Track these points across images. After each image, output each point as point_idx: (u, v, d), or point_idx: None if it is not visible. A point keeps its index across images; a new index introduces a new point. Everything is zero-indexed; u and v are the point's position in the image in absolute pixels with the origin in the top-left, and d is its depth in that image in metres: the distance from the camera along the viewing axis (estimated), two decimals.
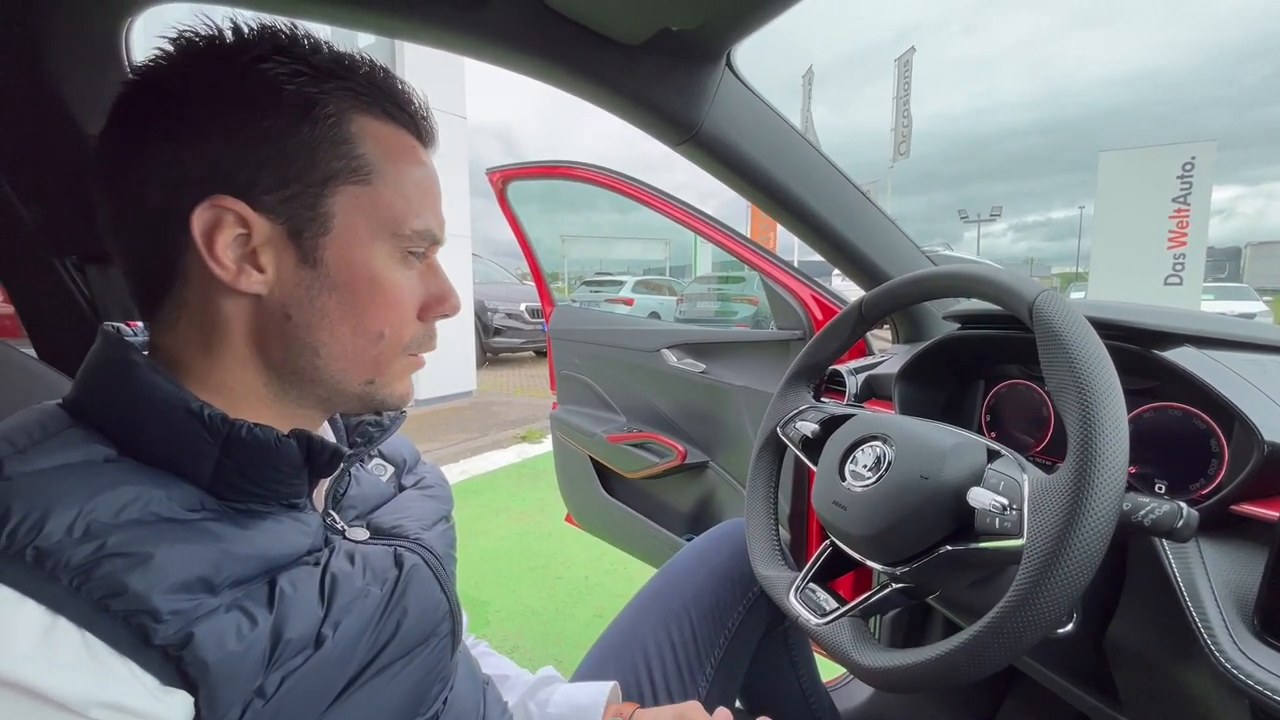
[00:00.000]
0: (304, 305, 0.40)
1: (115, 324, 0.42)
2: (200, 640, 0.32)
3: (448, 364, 5.53)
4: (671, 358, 1.47)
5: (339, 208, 0.40)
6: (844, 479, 0.59)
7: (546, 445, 4.07)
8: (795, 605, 0.60)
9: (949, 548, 0.51)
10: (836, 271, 1.02)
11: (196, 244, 0.37)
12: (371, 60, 0.42)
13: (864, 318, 0.69)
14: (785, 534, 1.24)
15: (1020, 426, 0.78)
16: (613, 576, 2.24)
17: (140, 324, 0.44)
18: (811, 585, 0.61)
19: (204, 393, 0.39)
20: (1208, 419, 0.59)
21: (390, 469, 0.55)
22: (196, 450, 0.37)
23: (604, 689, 0.64)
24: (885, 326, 1.18)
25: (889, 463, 0.56)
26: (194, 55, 0.39)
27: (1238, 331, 0.57)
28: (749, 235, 1.37)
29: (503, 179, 1.70)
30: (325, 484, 0.47)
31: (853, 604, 0.56)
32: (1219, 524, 0.50)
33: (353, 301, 0.41)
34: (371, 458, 0.55)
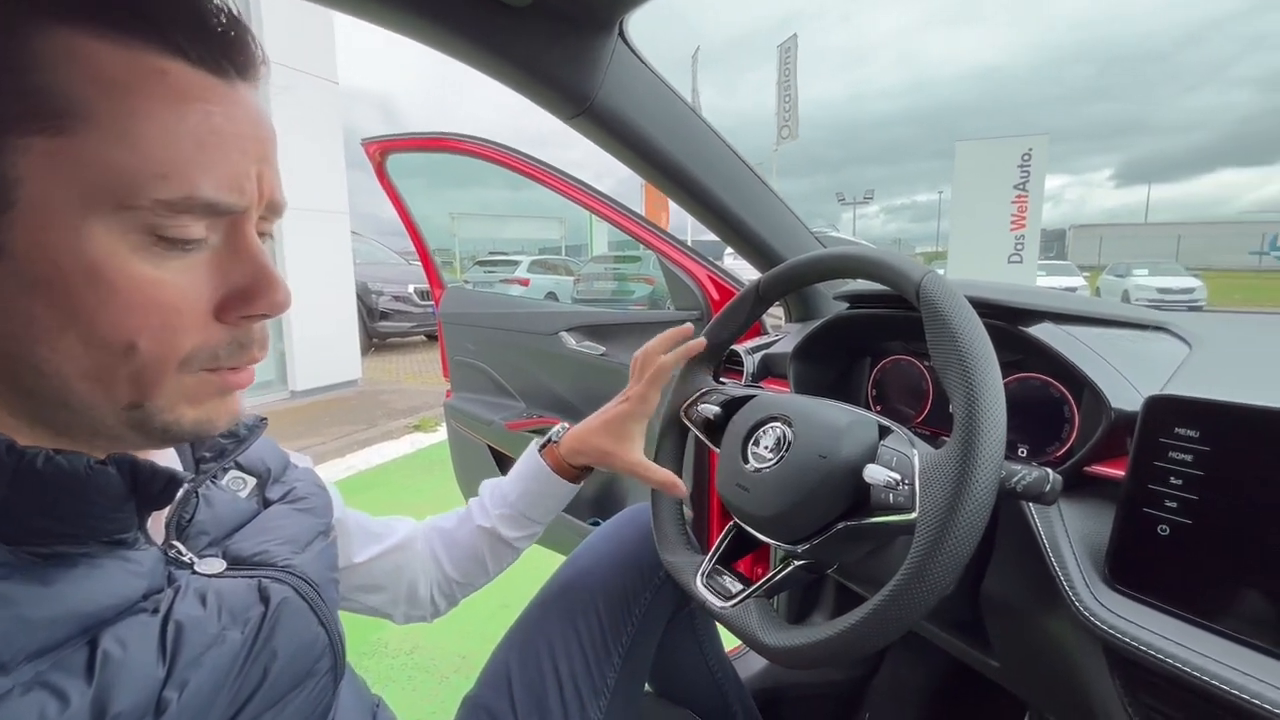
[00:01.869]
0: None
1: None
2: None
3: (328, 352, 5.13)
4: (570, 340, 1.44)
5: (26, 171, 0.28)
6: (746, 461, 0.59)
7: (442, 434, 3.89)
8: (701, 591, 0.60)
9: (847, 523, 0.52)
10: (729, 251, 1.03)
11: None
12: None
13: (762, 298, 0.70)
14: (689, 513, 1.26)
15: (903, 399, 0.83)
16: (519, 565, 2.18)
17: None
18: (717, 568, 0.61)
19: None
20: (1061, 388, 0.65)
21: (250, 482, 0.47)
22: None
23: (530, 448, 0.72)
24: (778, 306, 1.22)
25: (789, 443, 0.57)
26: None
27: (1089, 308, 0.63)
28: (643, 215, 1.36)
29: (381, 150, 1.56)
30: (166, 509, 0.40)
31: (757, 585, 0.56)
32: (1075, 484, 0.55)
33: (66, 303, 0.30)
34: (226, 471, 0.46)
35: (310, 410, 4.60)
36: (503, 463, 1.67)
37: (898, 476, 0.48)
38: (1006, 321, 0.62)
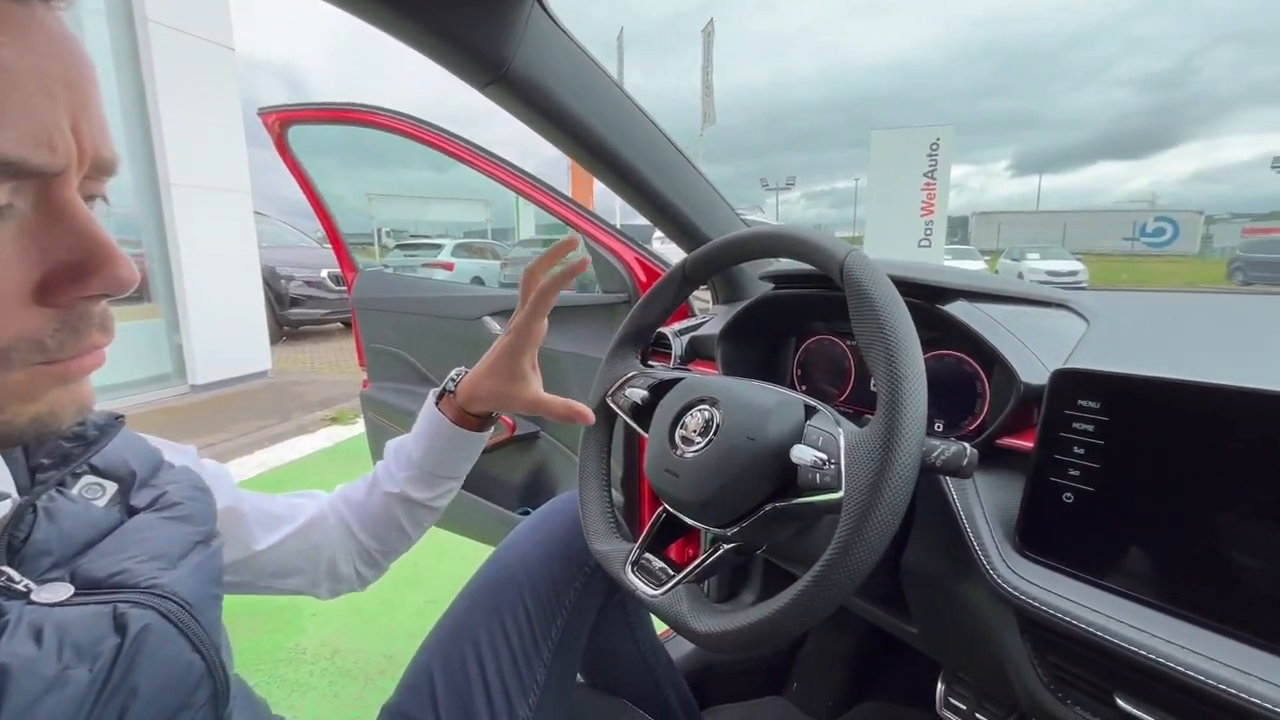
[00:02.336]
0: None
1: None
2: None
3: (233, 342, 4.77)
4: (495, 325, 1.39)
5: None
6: (675, 445, 0.58)
7: (362, 426, 3.72)
8: (631, 579, 0.58)
9: (775, 504, 0.52)
10: (657, 235, 1.01)
11: None
12: None
13: (688, 279, 0.68)
14: (619, 496, 1.24)
15: (827, 378, 0.84)
16: (445, 559, 2.12)
17: None
18: (647, 555, 0.60)
19: None
20: (974, 364, 0.67)
21: (110, 488, 0.40)
22: None
23: (427, 402, 0.69)
24: (705, 289, 1.21)
25: (717, 426, 0.56)
26: None
27: (998, 287, 0.66)
28: (570, 196, 1.32)
29: (280, 121, 1.44)
30: None
31: (687, 570, 0.55)
32: (988, 456, 0.57)
33: None
34: (77, 477, 0.39)
35: (214, 405, 4.27)
36: None
37: (824, 456, 0.48)
38: (924, 300, 0.63)
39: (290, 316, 7.03)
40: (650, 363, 0.96)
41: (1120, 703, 0.43)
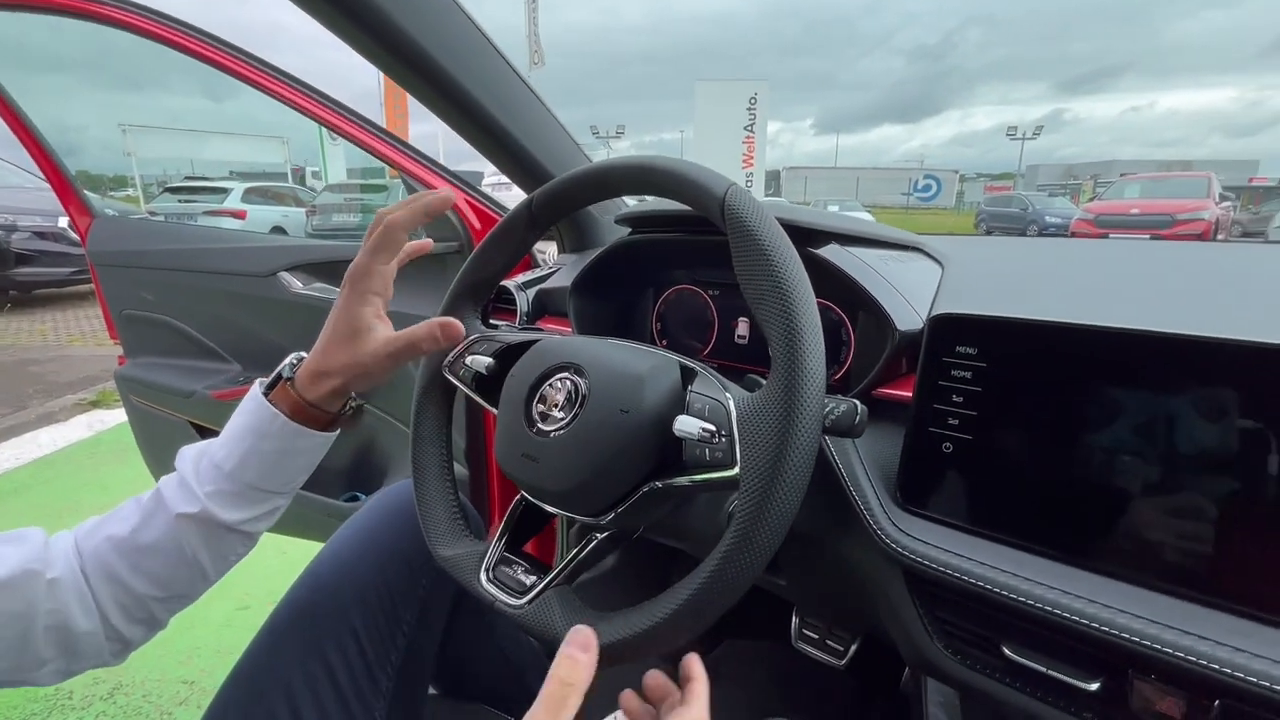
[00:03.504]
0: None
1: None
2: None
3: None
4: (295, 282, 1.15)
5: None
6: (532, 424, 0.48)
7: None
8: (488, 589, 0.48)
9: (655, 483, 0.45)
10: (490, 178, 0.87)
11: None
12: None
13: (535, 220, 0.57)
14: (461, 470, 1.11)
15: (689, 332, 0.79)
16: (259, 554, 1.82)
17: None
18: (505, 555, 0.50)
19: None
20: (839, 311, 0.65)
21: None
22: None
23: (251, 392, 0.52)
24: (547, 238, 1.09)
25: (583, 398, 0.46)
26: None
27: (864, 229, 0.63)
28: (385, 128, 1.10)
29: None
30: None
31: (556, 572, 0.47)
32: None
33: None
34: None
35: None
36: None
37: (712, 427, 0.41)
38: (797, 243, 0.59)
39: (18, 277, 5.58)
40: (492, 321, 0.83)
41: (1007, 652, 0.42)
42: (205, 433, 1.29)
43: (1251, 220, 13.30)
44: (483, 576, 0.49)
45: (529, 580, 0.48)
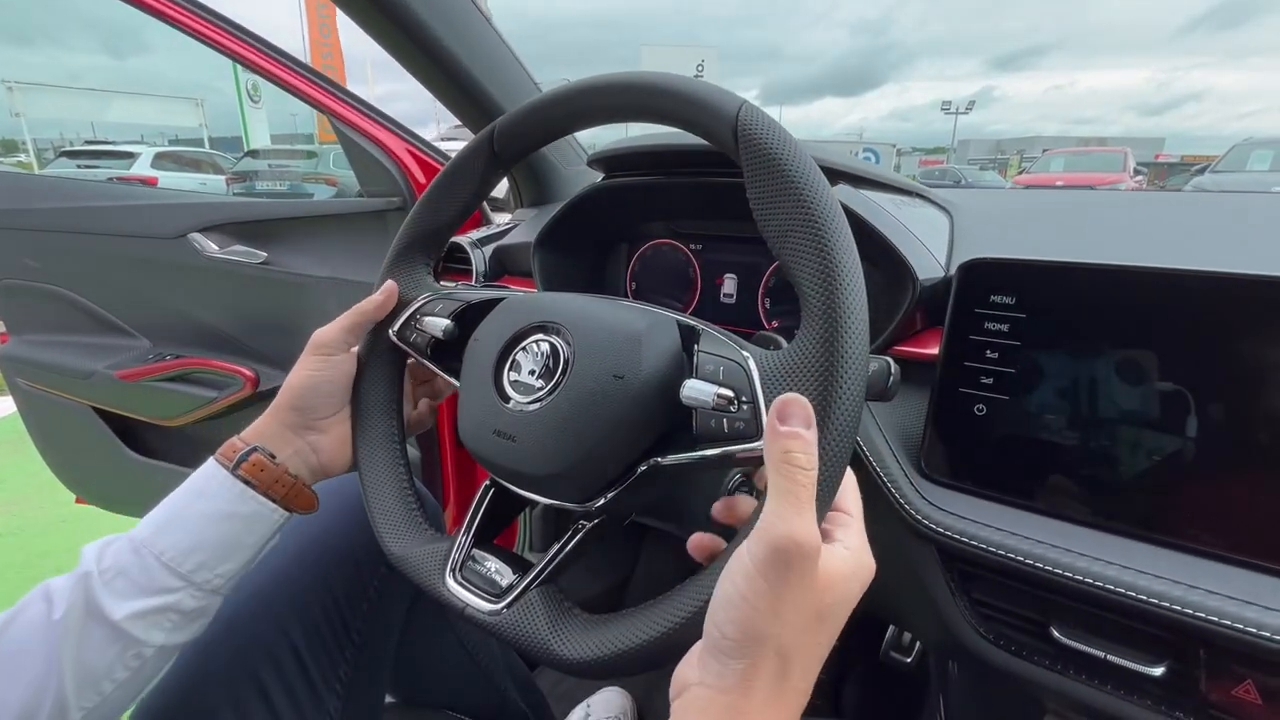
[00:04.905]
0: None
1: None
2: None
3: None
4: (209, 244, 1.00)
5: None
6: (505, 395, 0.40)
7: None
8: (458, 592, 0.40)
9: (658, 460, 0.37)
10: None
11: None
12: None
13: (497, 157, 0.47)
14: (413, 452, 1.01)
15: (667, 291, 0.71)
16: None
17: None
18: (476, 554, 0.42)
19: None
20: None
21: None
22: None
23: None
24: (500, 209, 0.99)
25: (567, 362, 0.39)
26: None
27: (870, 171, 0.57)
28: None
29: None
30: None
31: (539, 569, 0.39)
32: None
33: None
34: None
35: None
36: (129, 433, 1.16)
37: (729, 393, 0.34)
38: None
39: None
40: (444, 283, 0.73)
41: (1057, 635, 0.38)
42: (109, 418, 1.14)
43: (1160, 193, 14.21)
44: (449, 578, 0.41)
45: (504, 580, 0.40)
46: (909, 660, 0.79)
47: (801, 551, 0.25)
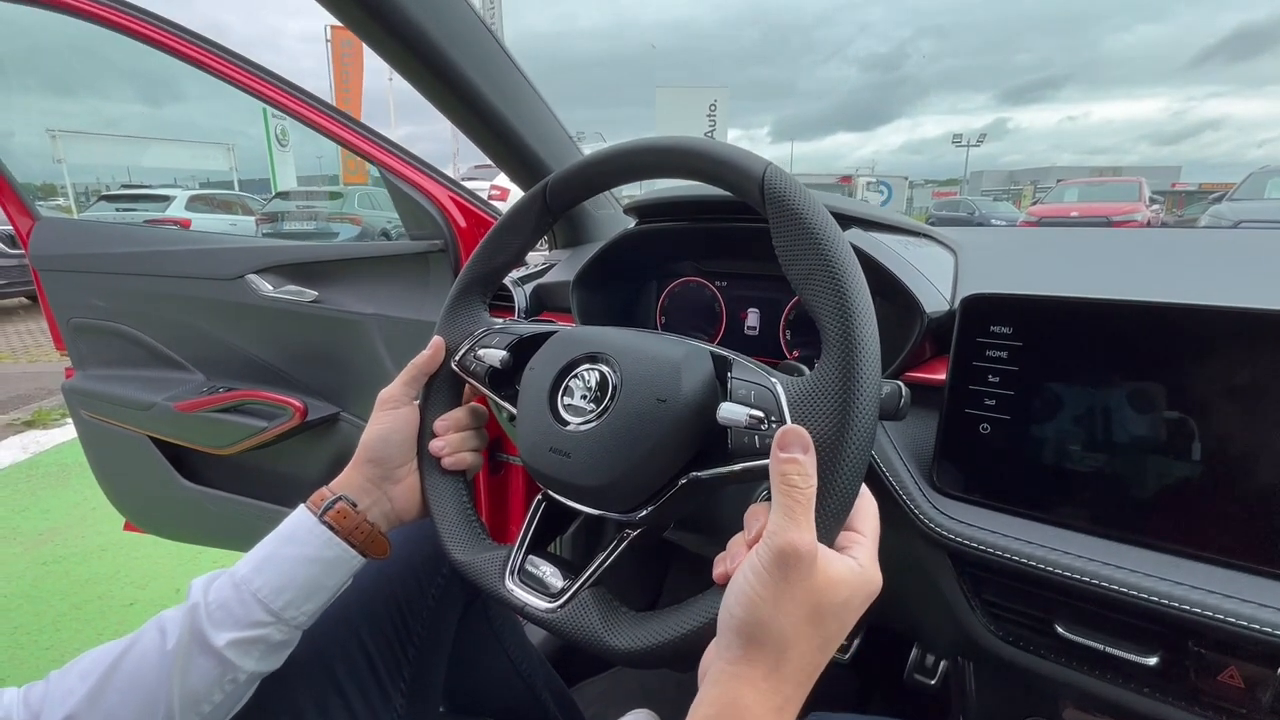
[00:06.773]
0: None
1: None
2: None
3: None
4: (264, 285, 1.08)
5: None
6: (560, 417, 0.45)
7: (71, 429, 2.89)
8: (518, 593, 0.45)
9: (696, 474, 0.43)
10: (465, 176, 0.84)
11: None
12: None
13: (549, 208, 0.54)
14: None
15: (694, 324, 0.77)
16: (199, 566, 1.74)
17: None
18: (531, 559, 0.47)
19: None
20: None
21: None
22: None
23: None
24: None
25: (615, 388, 0.44)
26: None
27: (880, 215, 0.63)
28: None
29: None
30: None
31: (590, 572, 0.44)
32: None
33: None
34: None
35: None
36: (183, 462, 1.23)
37: (760, 414, 0.39)
38: None
39: None
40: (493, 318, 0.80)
41: (1061, 631, 0.42)
42: (166, 448, 1.21)
43: (1177, 222, 14.17)
44: (508, 580, 0.46)
45: (558, 583, 0.45)
46: (933, 682, 0.81)
47: (798, 555, 0.31)
